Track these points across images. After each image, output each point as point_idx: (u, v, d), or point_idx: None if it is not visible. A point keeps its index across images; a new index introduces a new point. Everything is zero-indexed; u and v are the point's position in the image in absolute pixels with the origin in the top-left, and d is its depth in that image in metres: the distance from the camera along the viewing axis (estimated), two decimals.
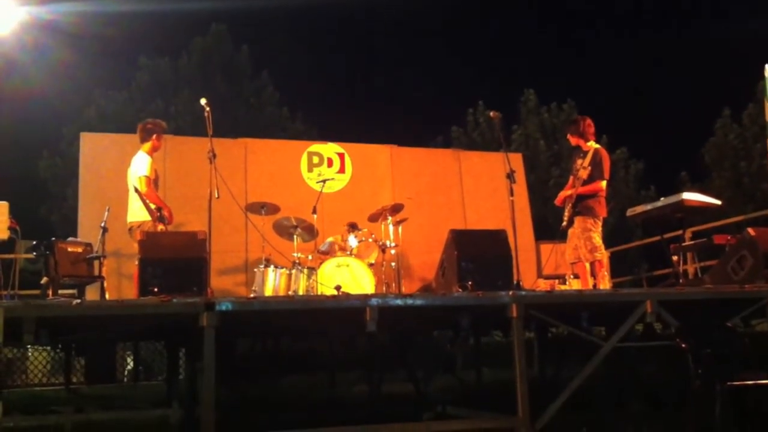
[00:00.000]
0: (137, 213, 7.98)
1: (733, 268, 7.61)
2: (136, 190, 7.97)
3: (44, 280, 7.27)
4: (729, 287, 7.18)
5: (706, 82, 23.46)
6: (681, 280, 8.59)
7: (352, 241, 9.30)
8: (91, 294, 8.26)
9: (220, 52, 22.53)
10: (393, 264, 9.63)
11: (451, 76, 28.72)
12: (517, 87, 22.82)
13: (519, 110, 22.12)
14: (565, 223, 8.21)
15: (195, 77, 21.76)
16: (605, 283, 8.17)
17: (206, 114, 7.81)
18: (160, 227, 7.93)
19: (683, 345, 6.79)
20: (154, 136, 8.35)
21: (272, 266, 8.79)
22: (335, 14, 29.84)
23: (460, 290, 6.97)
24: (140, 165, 8.10)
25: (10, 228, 8.41)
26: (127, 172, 8.21)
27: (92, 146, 10.41)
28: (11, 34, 9.46)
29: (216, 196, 7.54)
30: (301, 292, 8.62)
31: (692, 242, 9.29)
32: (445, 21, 31.96)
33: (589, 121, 8.44)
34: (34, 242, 7.60)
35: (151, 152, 8.29)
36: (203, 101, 7.86)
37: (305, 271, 8.80)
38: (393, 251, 9.59)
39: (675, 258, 8.84)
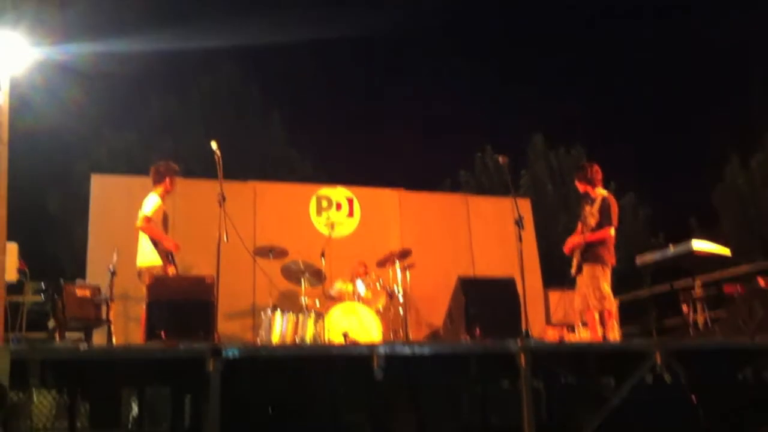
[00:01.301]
0: (147, 256, 7.99)
1: (743, 319, 7.57)
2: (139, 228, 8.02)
3: (52, 323, 7.26)
4: (739, 339, 7.13)
5: (715, 128, 23.53)
6: (691, 331, 8.52)
7: (360, 286, 9.27)
8: (98, 337, 8.24)
9: (230, 92, 22.74)
10: (401, 310, 9.59)
11: (458, 119, 28.87)
12: (524, 130, 22.92)
13: (527, 153, 22.19)
14: (573, 271, 8.17)
15: (205, 116, 21.93)
16: (614, 333, 8.10)
17: (216, 157, 7.84)
18: (171, 270, 7.94)
19: (693, 397, 6.75)
20: (167, 179, 8.40)
21: (279, 311, 8.76)
22: (345, 57, 30.16)
23: (468, 338, 6.95)
24: (147, 205, 8.15)
25: (19, 270, 8.43)
26: (138, 214, 8.23)
27: (103, 188, 10.44)
28: (24, 74, 9.56)
29: (225, 239, 7.55)
30: (308, 338, 8.58)
31: (702, 291, 9.23)
32: (453, 65, 32.22)
33: (596, 167, 8.43)
34: (43, 284, 7.61)
35: (163, 195, 8.33)
36: (214, 145, 7.87)
37: (312, 316, 8.77)
38: (401, 297, 9.56)
39: (685, 307, 8.78)
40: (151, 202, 8.14)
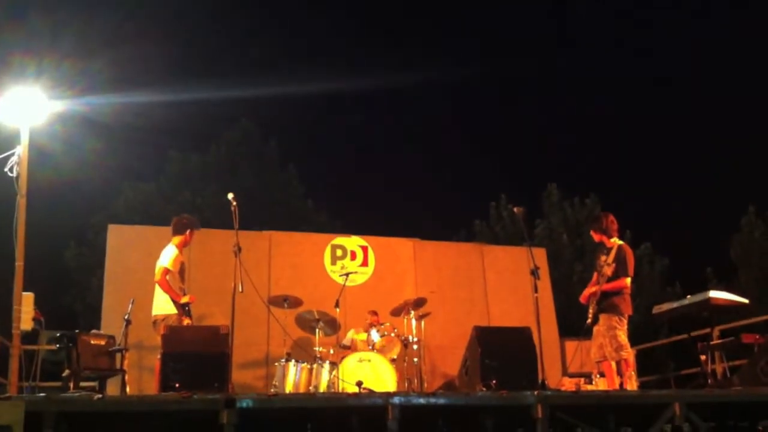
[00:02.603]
0: (163, 306, 8.01)
1: (762, 368, 7.45)
2: (157, 283, 8.05)
3: (66, 372, 7.25)
4: (759, 389, 7.02)
5: (731, 177, 23.53)
6: (709, 381, 8.41)
7: (375, 335, 9.24)
8: (112, 387, 8.22)
9: (248, 146, 22.93)
10: (415, 359, 9.53)
11: (473, 170, 29.01)
12: (539, 180, 22.94)
13: (542, 204, 22.15)
14: (589, 321, 8.11)
15: (223, 170, 22.08)
16: (632, 383, 8.01)
17: (233, 208, 7.92)
18: (186, 321, 7.95)
19: None
20: (188, 232, 8.45)
21: (293, 361, 8.73)
22: (360, 109, 30.52)
23: (484, 389, 6.89)
24: (164, 256, 8.20)
25: (34, 319, 8.47)
26: (156, 264, 8.26)
27: (119, 238, 10.53)
28: (44, 126, 9.73)
29: (240, 290, 7.57)
30: (322, 388, 8.54)
31: (720, 341, 9.14)
32: (467, 116, 32.52)
33: (611, 217, 8.42)
34: (58, 334, 7.62)
35: (181, 246, 8.39)
36: (230, 196, 7.98)
37: (326, 365, 8.73)
38: (415, 346, 9.51)
39: (703, 357, 8.67)
40: (169, 254, 8.20)
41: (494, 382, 6.95)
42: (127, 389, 8.02)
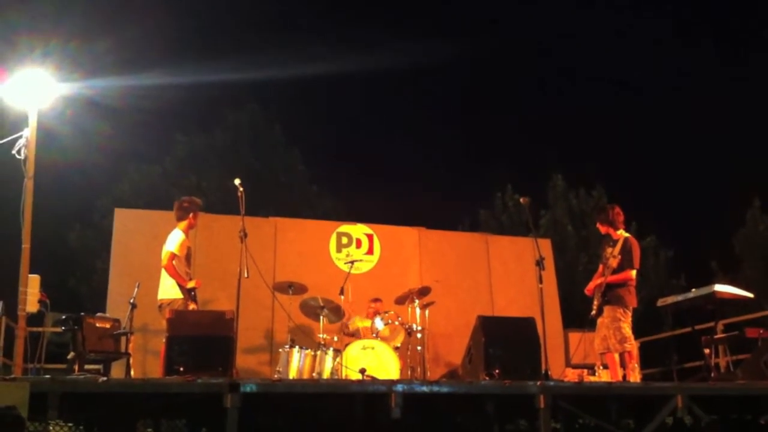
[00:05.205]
0: (169, 290, 8.02)
1: (766, 362, 7.46)
2: (164, 267, 8.06)
3: (71, 354, 7.28)
4: (762, 383, 7.03)
5: (736, 171, 23.44)
6: (713, 374, 8.42)
7: (379, 323, 9.25)
8: (117, 370, 8.26)
9: (253, 129, 22.91)
10: (419, 348, 9.55)
11: (479, 159, 28.97)
12: (545, 171, 22.90)
13: (547, 194, 22.14)
14: (594, 312, 8.12)
15: (228, 153, 22.08)
16: (635, 375, 8.03)
17: (239, 194, 7.93)
18: (192, 306, 7.96)
19: None
20: (191, 214, 8.44)
21: (297, 347, 8.74)
22: (366, 95, 30.45)
23: (487, 378, 6.91)
24: (171, 240, 8.19)
25: (40, 301, 8.52)
26: (162, 248, 8.27)
27: (125, 221, 10.53)
28: (51, 109, 9.76)
29: (246, 275, 7.59)
30: (325, 375, 8.55)
31: (724, 335, 9.14)
32: (473, 105, 32.42)
33: (618, 209, 8.42)
34: (63, 316, 7.65)
35: (187, 230, 8.38)
36: (237, 181, 7.99)
37: (330, 352, 8.75)
38: (419, 335, 9.52)
39: (707, 350, 8.68)
40: (176, 238, 8.19)
41: (497, 371, 6.97)
42: (132, 372, 8.05)
